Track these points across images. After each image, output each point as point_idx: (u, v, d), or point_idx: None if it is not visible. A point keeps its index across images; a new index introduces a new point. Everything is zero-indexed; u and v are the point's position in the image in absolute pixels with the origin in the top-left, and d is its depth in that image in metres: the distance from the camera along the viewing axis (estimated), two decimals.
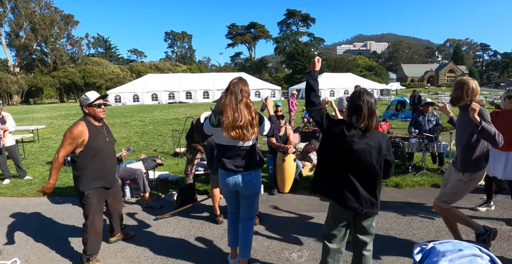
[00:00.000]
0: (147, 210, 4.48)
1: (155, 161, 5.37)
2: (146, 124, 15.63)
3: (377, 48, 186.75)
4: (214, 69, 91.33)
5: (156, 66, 66.48)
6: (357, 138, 2.22)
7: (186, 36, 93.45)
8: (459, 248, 0.68)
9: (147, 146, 9.52)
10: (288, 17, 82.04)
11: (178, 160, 7.38)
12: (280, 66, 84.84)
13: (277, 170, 4.96)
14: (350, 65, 66.79)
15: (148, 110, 26.00)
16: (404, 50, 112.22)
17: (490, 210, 4.21)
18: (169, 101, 38.43)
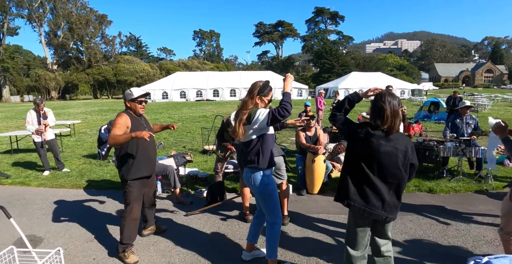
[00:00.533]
0: (178, 206, 4.59)
1: (185, 157, 5.49)
2: (175, 120, 15.99)
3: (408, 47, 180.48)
4: (241, 67, 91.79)
5: (184, 64, 67.79)
6: (384, 141, 2.18)
7: (214, 35, 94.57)
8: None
9: (176, 142, 9.75)
10: (316, 15, 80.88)
11: (206, 157, 7.50)
12: (307, 64, 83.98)
13: (306, 170, 4.92)
14: (380, 64, 64.95)
15: (176, 107, 26.58)
16: (438, 49, 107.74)
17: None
18: (197, 98, 39.09)
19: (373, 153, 2.19)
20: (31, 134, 6.45)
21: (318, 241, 3.52)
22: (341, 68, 55.82)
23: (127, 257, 3.14)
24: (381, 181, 2.22)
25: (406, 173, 2.23)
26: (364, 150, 2.22)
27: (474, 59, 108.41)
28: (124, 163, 3.16)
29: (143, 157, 3.19)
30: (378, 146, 2.18)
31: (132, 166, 3.14)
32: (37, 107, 6.30)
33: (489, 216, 4.15)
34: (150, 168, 3.30)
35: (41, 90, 53.41)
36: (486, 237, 3.59)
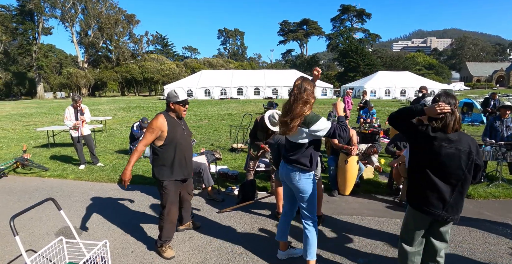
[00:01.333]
0: (210, 203, 4.66)
1: (214, 155, 5.55)
2: (201, 118, 16.21)
3: (438, 45, 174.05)
4: (265, 66, 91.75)
5: (209, 63, 68.61)
6: (446, 143, 2.15)
7: (238, 33, 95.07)
8: None
9: (204, 140, 9.88)
10: (342, 12, 79.52)
11: (235, 155, 7.55)
12: (332, 63, 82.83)
13: (338, 171, 4.85)
14: (408, 63, 63.05)
15: (201, 105, 26.94)
16: (470, 47, 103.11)
17: None
18: (221, 97, 39.47)
19: (435, 155, 2.17)
20: (69, 129, 6.74)
21: (352, 244, 3.46)
22: (367, 67, 54.65)
23: (164, 251, 3.22)
24: (443, 182, 2.20)
25: (470, 174, 2.20)
26: (426, 152, 2.22)
27: (510, 58, 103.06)
28: (159, 164, 3.15)
29: (178, 159, 3.16)
30: (440, 148, 2.16)
31: (168, 168, 3.13)
32: (75, 103, 6.57)
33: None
34: (187, 171, 3.27)
35: (72, 87, 55.71)
36: None
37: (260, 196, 4.64)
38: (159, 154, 3.14)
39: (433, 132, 2.19)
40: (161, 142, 3.10)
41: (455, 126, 2.16)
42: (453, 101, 2.19)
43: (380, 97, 37.79)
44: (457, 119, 2.17)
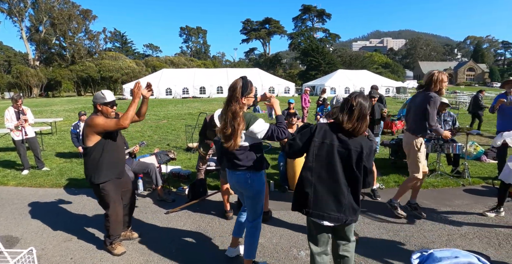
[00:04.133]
0: (159, 204, 4.57)
1: (168, 155, 5.46)
2: (160, 118, 15.84)
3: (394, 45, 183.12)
4: (228, 64, 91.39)
5: (171, 61, 67.06)
6: (337, 142, 2.18)
7: (201, 31, 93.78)
8: (456, 255, 0.68)
9: (160, 140, 9.66)
10: (304, 12, 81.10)
11: (190, 155, 7.47)
12: (294, 62, 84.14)
13: (288, 167, 4.96)
14: (366, 62, 65.69)
15: (162, 104, 26.30)
16: (422, 47, 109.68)
17: (499, 216, 4.08)
18: (183, 96, 38.76)
19: (327, 155, 2.19)
20: (10, 132, 6.30)
21: (297, 237, 3.56)
22: (328, 66, 56.18)
23: (115, 249, 3.21)
24: (336, 184, 2.18)
25: (361, 174, 2.16)
26: (318, 152, 2.21)
27: (457, 57, 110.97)
28: (90, 166, 3.09)
29: (111, 159, 3.12)
30: (332, 148, 2.17)
31: (100, 169, 3.07)
32: (15, 103, 6.15)
33: (464, 211, 4.29)
34: (119, 170, 3.23)
35: (22, 87, 51.92)
36: (460, 231, 3.71)
37: (208, 194, 4.62)
38: (93, 154, 3.07)
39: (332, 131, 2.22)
40: (93, 143, 3.03)
41: (361, 131, 2.18)
42: (366, 104, 2.19)
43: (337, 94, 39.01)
44: (366, 124, 2.20)
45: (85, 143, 3.07)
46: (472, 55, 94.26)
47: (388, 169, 6.20)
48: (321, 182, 2.21)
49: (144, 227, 3.83)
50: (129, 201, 3.49)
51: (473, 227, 3.79)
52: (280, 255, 3.19)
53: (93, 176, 3.09)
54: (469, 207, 4.41)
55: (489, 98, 21.97)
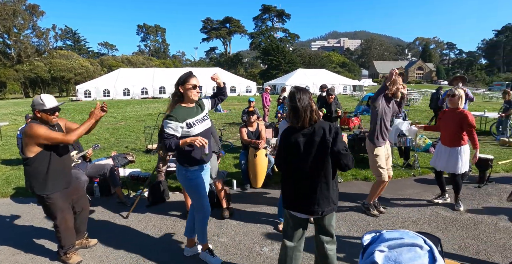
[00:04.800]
0: (118, 208, 4.39)
1: (126, 158, 5.27)
2: (118, 120, 15.19)
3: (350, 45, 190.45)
4: (189, 64, 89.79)
5: (128, 60, 64.49)
6: (302, 138, 2.24)
7: (159, 30, 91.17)
8: (403, 236, 0.70)
9: (118, 143, 9.27)
10: (264, 12, 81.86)
11: (150, 157, 7.25)
12: (255, 61, 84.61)
13: (249, 165, 5.00)
14: (324, 62, 67.78)
15: (119, 105, 25.24)
16: (376, 47, 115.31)
17: (446, 202, 4.43)
18: (142, 96, 37.50)
19: (295, 149, 2.26)
20: None
21: (260, 234, 3.60)
22: (288, 65, 57.19)
23: (69, 259, 3.03)
24: (308, 176, 2.24)
25: (328, 161, 2.19)
26: (289, 149, 2.30)
27: (408, 57, 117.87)
28: (33, 177, 2.83)
29: (56, 169, 2.88)
30: (298, 142, 2.24)
31: (44, 181, 2.83)
32: None
33: (415, 199, 4.60)
34: (65, 180, 3.00)
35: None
36: (412, 218, 3.97)
37: (172, 197, 4.53)
38: (33, 165, 2.81)
39: (292, 128, 2.31)
40: (34, 153, 2.78)
41: (312, 119, 2.25)
42: (305, 96, 2.25)
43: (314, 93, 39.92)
44: (314, 111, 2.26)
45: (24, 153, 2.78)
46: (421, 55, 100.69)
47: None
48: (298, 178, 2.29)
49: (102, 233, 3.66)
50: (82, 208, 3.27)
51: (423, 214, 4.07)
52: (243, 252, 3.21)
53: (36, 187, 2.84)
54: (419, 195, 4.74)
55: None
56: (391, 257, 0.65)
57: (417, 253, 0.65)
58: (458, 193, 4.20)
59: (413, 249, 0.66)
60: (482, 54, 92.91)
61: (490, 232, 3.56)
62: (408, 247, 0.66)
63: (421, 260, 0.64)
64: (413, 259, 0.64)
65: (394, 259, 0.65)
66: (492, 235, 3.47)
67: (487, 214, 4.04)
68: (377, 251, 0.68)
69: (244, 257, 3.13)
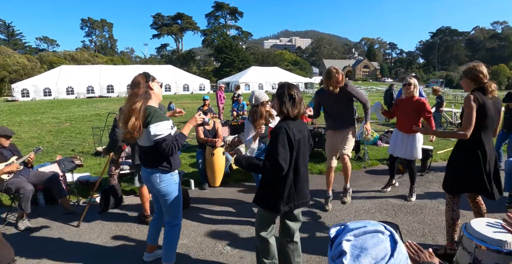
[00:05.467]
0: (67, 217, 4.07)
1: (73, 162, 4.91)
2: (62, 121, 14.12)
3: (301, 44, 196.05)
4: (139, 61, 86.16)
5: (72, 57, 60.10)
6: (299, 132, 2.30)
7: (106, 24, 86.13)
8: (366, 225, 0.77)
9: (63, 146, 8.63)
10: (216, 9, 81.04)
11: (100, 160, 6.85)
12: (208, 59, 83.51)
13: (206, 164, 4.94)
14: (277, 60, 69.00)
15: (63, 105, 23.49)
16: (326, 46, 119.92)
17: (395, 188, 4.79)
18: (88, 95, 35.28)
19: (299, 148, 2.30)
20: None
21: (221, 232, 3.58)
22: (241, 63, 57.33)
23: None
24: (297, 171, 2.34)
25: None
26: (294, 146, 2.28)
27: (354, 56, 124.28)
28: None
29: None
30: (294, 140, 2.26)
31: None
32: None
33: (366, 189, 4.90)
34: None
35: None
36: (364, 207, 4.22)
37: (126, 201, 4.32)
38: None
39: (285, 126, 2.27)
40: None
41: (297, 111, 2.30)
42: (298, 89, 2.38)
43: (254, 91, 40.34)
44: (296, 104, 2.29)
45: None
46: (366, 54, 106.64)
47: None
48: (301, 174, 2.35)
49: (51, 247, 3.38)
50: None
51: (375, 203, 4.34)
52: (205, 253, 3.16)
53: None
54: (370, 185, 5.04)
55: (381, 92, 25.34)
56: (357, 245, 0.70)
57: (380, 238, 0.71)
58: (414, 183, 4.48)
59: (376, 235, 0.72)
60: (420, 54, 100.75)
61: (433, 215, 3.90)
62: (371, 234, 0.72)
63: (383, 244, 0.70)
64: (377, 244, 0.70)
65: (360, 246, 0.70)
66: (435, 218, 3.81)
67: (430, 199, 4.43)
68: (344, 241, 0.72)
69: (207, 257, 3.09)
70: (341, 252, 0.71)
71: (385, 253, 0.69)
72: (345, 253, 0.70)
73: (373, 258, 0.68)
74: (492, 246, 1.81)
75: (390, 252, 0.69)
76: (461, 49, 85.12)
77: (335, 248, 0.74)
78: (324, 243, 3.29)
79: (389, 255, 0.68)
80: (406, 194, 4.56)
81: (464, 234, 2.00)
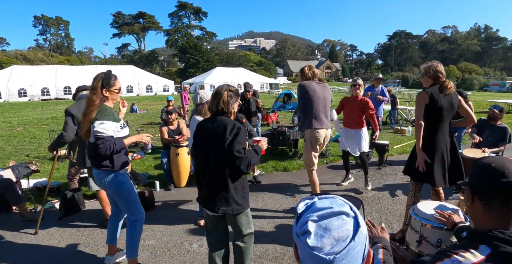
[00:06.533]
0: (24, 225, 3.86)
1: (29, 167, 4.65)
2: (13, 125, 13.22)
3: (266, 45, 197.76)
4: (98, 61, 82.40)
5: (24, 56, 56.29)
6: (207, 129, 2.25)
7: (62, 22, 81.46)
8: (332, 205, 0.79)
9: (16, 151, 8.11)
10: (180, 9, 79.53)
11: (58, 165, 6.53)
12: (172, 59, 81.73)
13: (171, 164, 4.90)
14: (242, 60, 69.10)
15: (15, 108, 21.94)
16: (289, 48, 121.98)
17: (351, 182, 5.06)
18: (43, 97, 33.24)
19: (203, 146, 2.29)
20: None
21: (187, 231, 3.59)
22: (206, 64, 56.80)
23: None
24: (207, 172, 2.26)
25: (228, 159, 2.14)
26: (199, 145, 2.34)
27: (317, 57, 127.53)
28: None
29: None
30: (203, 134, 2.29)
31: None
32: None
33: (328, 183, 5.11)
34: None
35: None
36: None
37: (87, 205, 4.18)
38: None
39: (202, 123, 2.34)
40: None
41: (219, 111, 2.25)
42: (226, 88, 2.30)
43: (198, 91, 40.15)
44: (225, 103, 2.25)
45: None
46: (328, 55, 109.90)
47: (267, 156, 6.76)
48: (204, 175, 2.30)
49: (7, 256, 3.21)
50: None
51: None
52: (172, 252, 3.17)
53: None
54: (332, 180, 5.29)
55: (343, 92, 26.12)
56: (321, 225, 0.75)
57: (344, 220, 0.76)
58: (367, 173, 4.80)
59: (340, 217, 0.76)
60: (378, 55, 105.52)
61: (389, 205, 4.18)
62: (336, 216, 0.77)
63: (347, 226, 0.75)
64: (341, 226, 0.75)
65: (325, 227, 0.75)
66: (391, 207, 4.09)
67: (387, 190, 4.72)
68: (310, 221, 0.77)
69: (174, 256, 3.10)
70: (306, 231, 0.76)
71: (346, 235, 0.74)
72: (310, 233, 0.75)
73: (335, 239, 0.73)
74: (435, 224, 2.03)
75: (352, 234, 0.74)
76: (415, 51, 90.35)
77: (300, 226, 0.79)
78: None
79: (351, 237, 0.74)
80: (363, 187, 4.82)
81: (412, 215, 2.21)
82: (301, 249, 0.78)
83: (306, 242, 0.74)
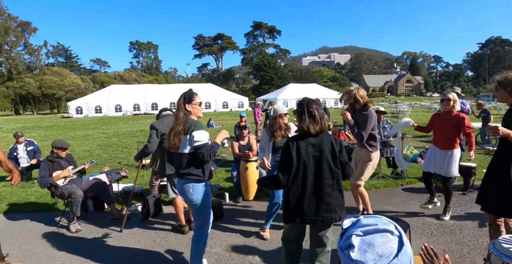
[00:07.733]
0: (113, 223, 4.42)
1: (119, 173, 5.33)
2: (110, 136, 15.20)
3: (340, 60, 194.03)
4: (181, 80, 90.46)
5: (120, 77, 64.81)
6: (311, 148, 2.31)
7: (152, 46, 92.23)
8: (377, 223, 0.80)
9: (111, 159, 9.31)
10: (255, 29, 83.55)
11: (143, 172, 7.29)
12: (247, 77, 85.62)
13: (240, 178, 5.10)
14: (315, 76, 68.92)
15: (112, 122, 25.23)
16: (366, 62, 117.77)
17: (436, 207, 4.55)
18: (134, 112, 37.57)
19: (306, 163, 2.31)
20: None
21: (252, 243, 3.68)
22: (280, 80, 58.03)
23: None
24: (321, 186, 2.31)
25: (339, 169, 2.34)
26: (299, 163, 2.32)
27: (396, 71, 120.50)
28: None
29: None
30: (307, 155, 2.30)
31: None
32: None
33: (402, 207, 4.74)
34: None
35: None
36: None
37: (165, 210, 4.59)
38: None
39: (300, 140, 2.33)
40: None
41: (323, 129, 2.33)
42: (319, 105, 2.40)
43: (292, 108, 40.44)
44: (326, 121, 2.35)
45: None
46: (409, 68, 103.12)
47: None
48: (308, 189, 2.31)
49: (96, 249, 3.70)
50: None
51: (410, 221, 4.17)
52: (236, 262, 3.28)
53: None
54: (407, 203, 4.88)
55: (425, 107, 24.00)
56: (365, 240, 0.76)
57: (388, 238, 0.76)
58: (449, 202, 4.25)
59: (385, 235, 0.77)
60: (468, 66, 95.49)
61: (473, 236, 3.70)
62: (381, 233, 0.77)
63: (391, 244, 0.75)
64: (385, 243, 0.75)
65: (369, 242, 0.76)
66: (475, 239, 3.61)
67: (471, 219, 4.18)
68: (354, 235, 0.78)
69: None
70: (350, 244, 0.77)
71: (390, 252, 0.74)
72: (354, 246, 0.76)
73: (379, 255, 0.73)
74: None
75: (395, 252, 0.74)
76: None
77: (345, 240, 0.80)
78: None
79: (394, 255, 0.73)
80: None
81: (492, 251, 1.95)
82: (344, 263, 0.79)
83: (349, 255, 0.76)
